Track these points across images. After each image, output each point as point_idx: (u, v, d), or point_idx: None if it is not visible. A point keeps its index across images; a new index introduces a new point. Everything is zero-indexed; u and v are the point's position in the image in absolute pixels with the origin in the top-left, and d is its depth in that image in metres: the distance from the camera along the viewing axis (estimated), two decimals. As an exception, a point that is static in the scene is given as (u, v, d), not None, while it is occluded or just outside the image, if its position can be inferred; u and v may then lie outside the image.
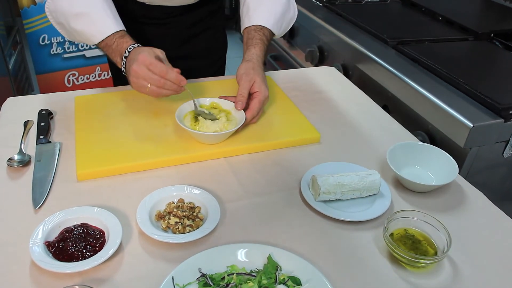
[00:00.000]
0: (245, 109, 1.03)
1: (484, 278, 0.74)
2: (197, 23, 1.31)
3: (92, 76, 2.73)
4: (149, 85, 0.95)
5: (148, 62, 0.94)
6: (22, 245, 0.72)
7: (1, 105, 1.12)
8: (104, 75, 2.76)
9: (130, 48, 0.99)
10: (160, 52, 0.98)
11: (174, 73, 0.95)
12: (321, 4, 1.94)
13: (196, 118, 1.02)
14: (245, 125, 1.03)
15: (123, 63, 0.99)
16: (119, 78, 1.38)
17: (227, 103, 1.06)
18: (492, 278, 0.74)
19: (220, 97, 1.09)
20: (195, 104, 1.03)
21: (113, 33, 1.02)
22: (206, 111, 1.03)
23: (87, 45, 2.60)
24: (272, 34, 1.17)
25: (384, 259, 0.76)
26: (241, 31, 1.18)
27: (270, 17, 1.15)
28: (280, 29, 1.19)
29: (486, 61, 1.51)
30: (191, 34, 1.32)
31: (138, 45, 1.00)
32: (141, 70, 0.94)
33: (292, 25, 1.26)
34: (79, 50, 2.62)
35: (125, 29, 1.05)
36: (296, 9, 1.26)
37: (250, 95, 1.05)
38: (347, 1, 2.04)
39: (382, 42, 1.57)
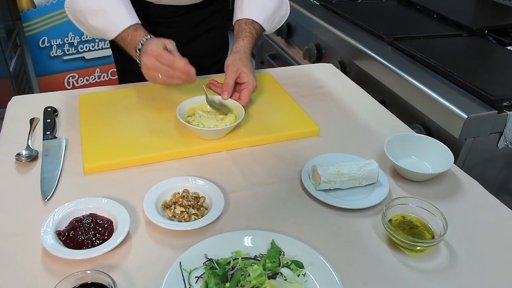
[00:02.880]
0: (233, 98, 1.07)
1: (480, 262, 0.77)
2: (202, 22, 1.34)
3: (92, 78, 2.75)
4: (160, 75, 0.99)
5: (156, 53, 0.97)
6: (33, 235, 0.75)
7: (4, 106, 1.15)
8: (103, 77, 2.78)
9: (142, 41, 1.02)
10: (169, 42, 1.00)
11: (182, 63, 0.97)
12: (317, 3, 1.97)
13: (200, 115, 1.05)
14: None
15: (138, 55, 1.03)
16: (124, 75, 1.40)
17: (229, 100, 1.09)
18: (487, 261, 0.77)
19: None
20: (206, 93, 1.06)
21: (127, 27, 1.05)
22: (217, 102, 1.05)
23: (86, 47, 2.63)
24: (263, 29, 1.20)
25: (383, 244, 0.79)
26: (233, 23, 1.21)
27: (262, 13, 1.18)
28: (271, 26, 1.22)
29: (480, 56, 1.54)
30: (195, 33, 1.35)
31: (151, 37, 1.03)
32: (150, 61, 0.98)
33: (283, 22, 1.28)
34: (78, 52, 2.64)
35: (140, 22, 1.08)
36: (289, 7, 1.29)
37: (238, 85, 1.09)
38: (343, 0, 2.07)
39: (378, 38, 1.60)
